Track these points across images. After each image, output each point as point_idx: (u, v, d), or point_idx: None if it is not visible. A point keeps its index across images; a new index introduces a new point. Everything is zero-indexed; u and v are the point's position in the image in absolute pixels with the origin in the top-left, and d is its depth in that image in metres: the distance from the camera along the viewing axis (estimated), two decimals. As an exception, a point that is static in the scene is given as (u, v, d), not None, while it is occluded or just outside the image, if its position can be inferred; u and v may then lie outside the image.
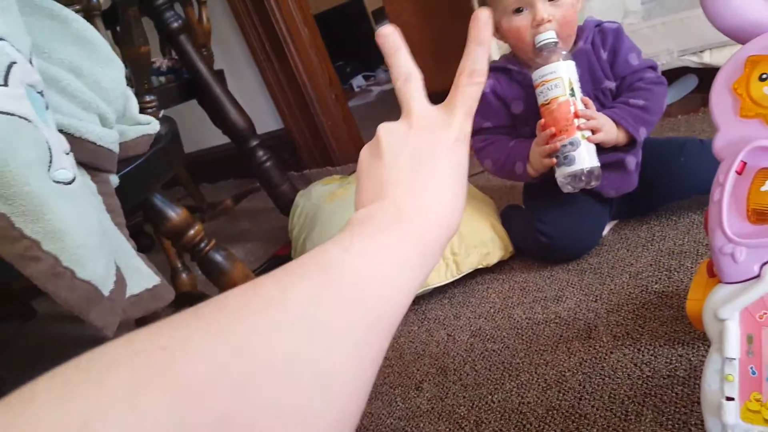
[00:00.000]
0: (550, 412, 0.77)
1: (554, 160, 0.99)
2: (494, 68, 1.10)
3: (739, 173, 0.42)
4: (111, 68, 0.71)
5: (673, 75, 1.49)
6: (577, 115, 0.96)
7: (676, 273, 0.92)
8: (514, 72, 1.07)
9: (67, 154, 0.56)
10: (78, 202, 0.54)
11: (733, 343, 0.41)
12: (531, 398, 0.81)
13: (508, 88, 1.08)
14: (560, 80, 0.96)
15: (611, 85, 1.05)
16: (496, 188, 1.44)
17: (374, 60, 3.84)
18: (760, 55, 0.42)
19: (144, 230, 1.74)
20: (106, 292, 0.52)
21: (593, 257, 1.05)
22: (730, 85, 0.44)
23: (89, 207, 0.55)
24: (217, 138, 1.83)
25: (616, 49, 1.05)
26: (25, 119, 0.52)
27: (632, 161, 1.04)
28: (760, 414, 0.38)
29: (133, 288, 0.62)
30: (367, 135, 2.22)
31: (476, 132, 1.13)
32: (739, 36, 0.44)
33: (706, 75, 1.47)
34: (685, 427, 0.67)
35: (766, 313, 0.41)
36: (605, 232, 1.11)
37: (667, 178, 1.03)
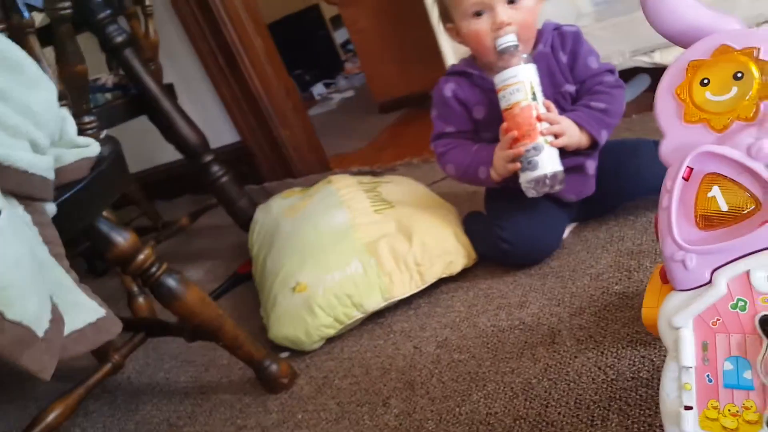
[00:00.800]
0: (518, 422, 0.76)
1: (518, 164, 0.98)
2: (455, 72, 1.09)
3: (686, 179, 0.42)
4: (41, 90, 0.68)
5: (626, 75, 1.51)
6: (539, 119, 0.96)
7: (635, 273, 0.92)
8: (475, 76, 1.07)
9: (-10, 185, 0.52)
10: (6, 237, 0.51)
11: (689, 352, 0.40)
12: (498, 408, 0.79)
13: (469, 92, 1.08)
14: (522, 84, 0.95)
15: (571, 88, 1.06)
16: (458, 195, 1.44)
17: (334, 67, 3.82)
18: (701, 60, 0.42)
19: (94, 254, 1.68)
20: (40, 333, 0.49)
21: (555, 260, 1.05)
22: (673, 91, 0.43)
23: (18, 242, 0.52)
24: (171, 154, 1.78)
25: (576, 52, 1.05)
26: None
27: (592, 165, 1.05)
28: (717, 422, 0.37)
29: (75, 323, 0.58)
30: (328, 144, 2.20)
31: (438, 136, 1.11)
32: (681, 40, 0.44)
33: (658, 74, 1.50)
34: (651, 430, 0.66)
35: (719, 320, 0.41)
36: (565, 234, 1.11)
37: (623, 181, 1.04)
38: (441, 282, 1.11)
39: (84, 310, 0.61)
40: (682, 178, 0.41)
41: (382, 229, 1.15)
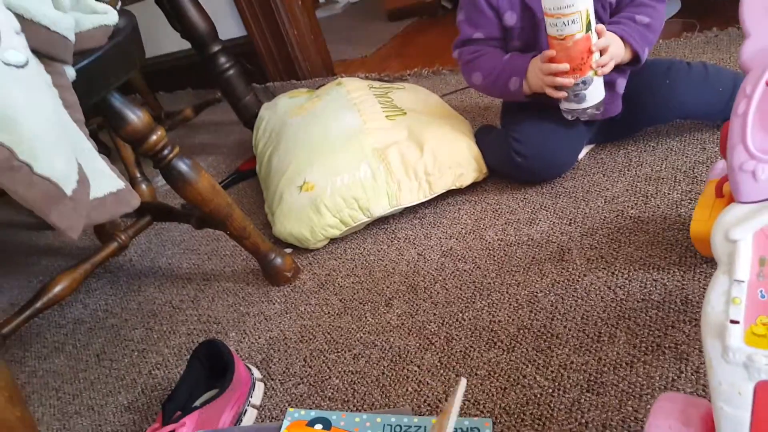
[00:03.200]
0: (522, 331, 0.77)
1: (563, 94, 0.95)
2: None
3: (768, 85, 0.40)
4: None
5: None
6: (591, 52, 0.91)
7: (652, 199, 0.92)
8: None
9: (18, 33, 0.49)
10: (32, 89, 0.48)
11: (744, 265, 0.39)
12: (502, 317, 0.81)
13: None
14: (579, 15, 0.87)
15: None
16: (470, 109, 1.41)
17: (341, -30, 3.65)
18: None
19: (98, 137, 1.64)
20: (68, 191, 0.47)
21: (568, 181, 1.04)
22: (766, -15, 0.40)
23: (44, 96, 0.49)
24: (174, 44, 1.71)
25: None
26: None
27: (622, 83, 1.01)
28: (765, 338, 0.37)
29: (97, 191, 0.57)
30: (334, 49, 2.13)
31: (464, 43, 1.07)
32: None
33: (690, 0, 1.44)
34: (659, 350, 0.68)
35: (783, 236, 0.40)
36: (581, 156, 1.09)
37: (650, 103, 1.01)
38: (449, 194, 1.10)
39: (106, 178, 0.59)
40: (766, 83, 0.39)
41: (393, 135, 1.13)
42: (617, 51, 0.94)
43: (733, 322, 0.39)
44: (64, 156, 0.48)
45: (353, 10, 3.05)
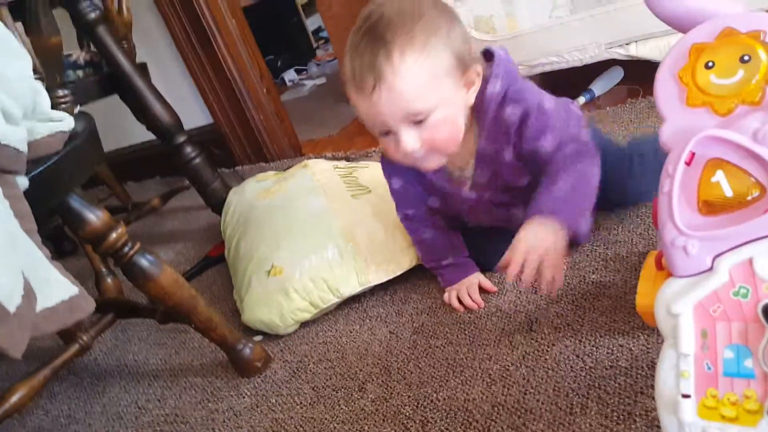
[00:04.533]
0: (496, 408, 0.76)
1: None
2: (399, 167, 0.97)
3: (688, 164, 0.42)
4: (16, 60, 0.65)
5: (601, 67, 1.52)
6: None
7: (612, 263, 0.93)
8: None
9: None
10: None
11: (688, 339, 0.40)
12: (476, 394, 0.79)
13: (419, 183, 1.01)
14: None
15: (525, 181, 0.92)
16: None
17: (306, 54, 3.77)
18: (705, 43, 0.42)
19: (65, 233, 1.63)
20: (12, 309, 0.47)
21: (532, 249, 1.05)
22: (675, 74, 0.43)
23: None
24: (142, 135, 1.73)
25: (523, 137, 0.87)
26: None
27: (586, 224, 0.92)
28: (716, 410, 0.37)
29: (47, 300, 0.56)
30: (300, 130, 2.17)
31: (402, 216, 1.06)
32: (682, 24, 0.44)
33: (632, 67, 1.51)
34: (630, 418, 0.67)
35: (720, 307, 0.41)
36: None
37: (607, 195, 0.89)
38: (418, 268, 1.10)
39: (57, 287, 0.58)
40: (684, 162, 0.41)
41: (358, 214, 1.14)
42: (557, 258, 0.79)
43: (684, 396, 0.39)
44: (8, 273, 0.48)
45: (319, 92, 3.13)
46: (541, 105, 0.87)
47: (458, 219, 1.05)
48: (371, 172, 1.32)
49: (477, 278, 1.00)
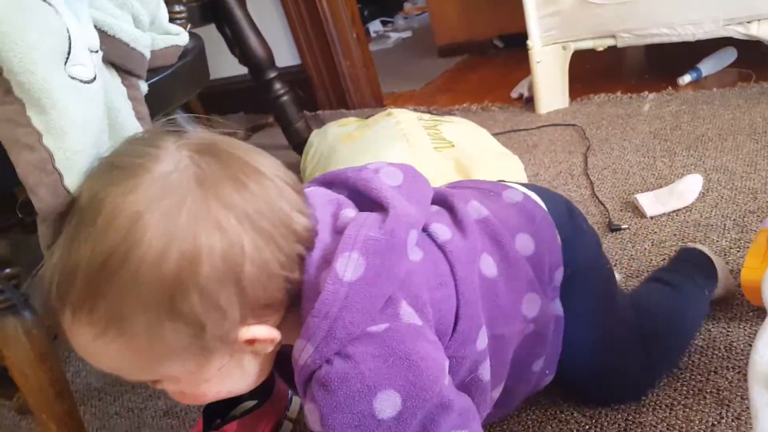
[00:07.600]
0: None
1: None
2: None
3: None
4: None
5: (712, 45, 1.44)
6: None
7: (700, 245, 0.90)
8: None
9: (93, 52, 0.52)
10: (93, 105, 0.51)
11: (795, 315, 0.39)
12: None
13: None
14: None
15: None
16: (518, 146, 1.42)
17: (393, 6, 3.74)
18: None
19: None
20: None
21: (613, 221, 1.04)
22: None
23: (103, 114, 0.52)
24: (229, 69, 1.78)
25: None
26: (47, 2, 0.49)
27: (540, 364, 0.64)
28: (813, 387, 0.37)
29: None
30: (383, 82, 2.17)
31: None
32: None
33: (746, 49, 1.43)
34: (700, 394, 0.66)
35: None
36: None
37: None
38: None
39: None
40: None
41: (440, 167, 1.14)
42: None
43: (781, 369, 0.38)
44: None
45: (404, 45, 3.11)
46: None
47: None
48: (456, 127, 1.31)
49: None
